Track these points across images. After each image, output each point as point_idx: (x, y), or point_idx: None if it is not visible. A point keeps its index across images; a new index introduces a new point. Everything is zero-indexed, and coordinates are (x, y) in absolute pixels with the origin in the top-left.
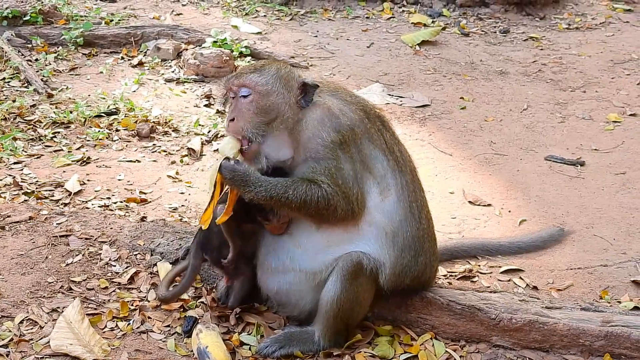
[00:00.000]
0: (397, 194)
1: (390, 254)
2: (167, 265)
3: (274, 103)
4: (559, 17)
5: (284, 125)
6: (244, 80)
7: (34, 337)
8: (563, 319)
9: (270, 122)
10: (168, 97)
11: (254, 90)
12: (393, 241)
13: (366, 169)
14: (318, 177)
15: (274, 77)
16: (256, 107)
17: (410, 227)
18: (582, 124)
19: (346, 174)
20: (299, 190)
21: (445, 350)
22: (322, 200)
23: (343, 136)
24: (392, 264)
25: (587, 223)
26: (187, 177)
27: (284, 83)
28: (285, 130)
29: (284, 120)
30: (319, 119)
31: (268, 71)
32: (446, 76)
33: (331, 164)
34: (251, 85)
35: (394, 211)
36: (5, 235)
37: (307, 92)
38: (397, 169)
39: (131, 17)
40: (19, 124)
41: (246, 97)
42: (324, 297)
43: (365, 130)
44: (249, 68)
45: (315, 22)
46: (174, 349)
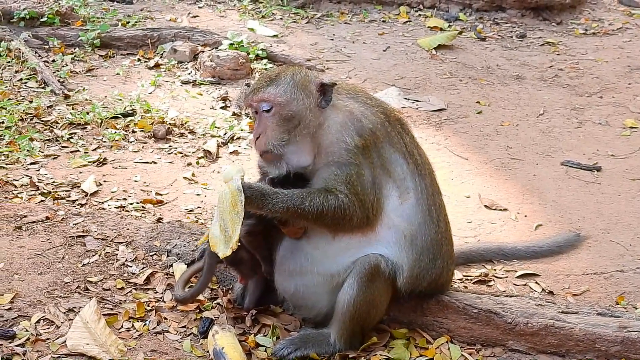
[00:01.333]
0: (416, 197)
1: (409, 257)
2: (182, 266)
3: (296, 110)
4: (576, 23)
5: (306, 130)
6: (262, 95)
7: (50, 337)
8: (579, 324)
9: (293, 129)
10: (184, 99)
11: (274, 103)
12: (412, 244)
13: (386, 172)
14: (337, 186)
15: (291, 85)
16: (279, 118)
17: (428, 231)
18: (599, 129)
19: (365, 181)
20: (316, 201)
21: (461, 354)
22: (338, 211)
23: (365, 140)
24: (410, 267)
25: (603, 228)
26: (203, 179)
27: (302, 88)
28: (308, 135)
29: (307, 125)
30: (342, 122)
31: (284, 80)
32: (462, 80)
33: (352, 170)
34: (270, 98)
35: (413, 214)
36: (22, 235)
37: (325, 92)
38: (417, 172)
39: (148, 19)
40: (35, 125)
41: (268, 111)
42: (340, 299)
43: (386, 133)
44: (264, 80)
45: (332, 25)
46: (189, 350)
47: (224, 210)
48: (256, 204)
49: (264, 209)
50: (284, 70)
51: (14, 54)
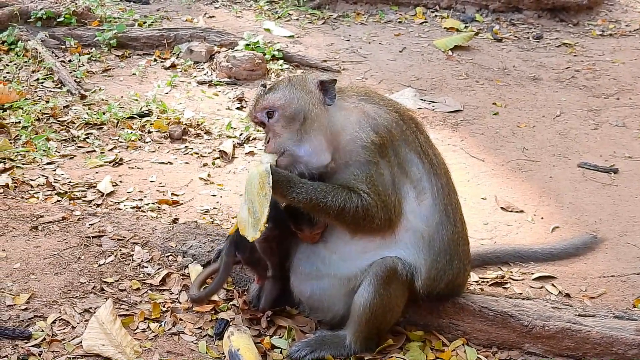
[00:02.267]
0: (432, 197)
1: (427, 258)
2: (198, 268)
3: (298, 107)
4: (593, 24)
5: (316, 125)
6: (263, 104)
7: (66, 337)
8: (596, 327)
9: (301, 126)
10: (200, 100)
11: (274, 107)
12: (429, 245)
13: (403, 172)
14: (359, 186)
15: (288, 87)
16: (284, 120)
17: (446, 231)
18: (616, 131)
19: (386, 181)
20: (338, 197)
21: (477, 356)
22: (360, 210)
23: (381, 138)
24: (427, 269)
25: (620, 231)
26: (219, 180)
27: (300, 88)
28: (321, 134)
29: (314, 120)
30: (356, 120)
31: (282, 85)
32: (479, 81)
33: (372, 169)
34: (270, 104)
35: (430, 215)
36: (38, 235)
37: (327, 89)
38: (433, 172)
39: (164, 20)
40: (52, 125)
41: (272, 116)
42: (356, 302)
43: (401, 132)
44: (263, 92)
45: (348, 26)
46: (205, 351)
47: (252, 193)
48: (281, 189)
49: (287, 197)
50: (283, 78)
51: (30, 53)
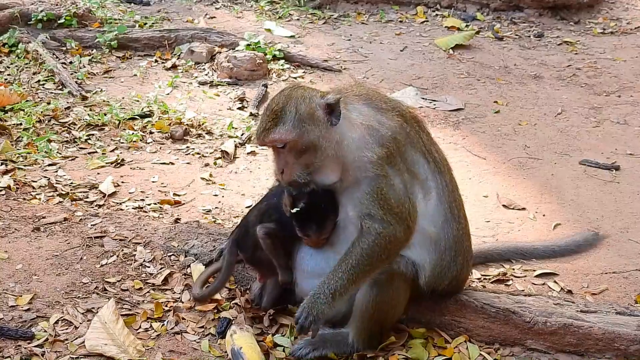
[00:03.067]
0: (437, 195)
1: (432, 257)
2: (200, 267)
3: (310, 141)
4: (594, 22)
5: (326, 153)
6: (273, 137)
7: (68, 337)
8: (598, 323)
9: (313, 157)
10: (201, 100)
11: (285, 141)
12: (435, 244)
13: (412, 175)
14: (372, 211)
15: (297, 119)
16: (295, 152)
17: (450, 228)
18: (617, 128)
19: (397, 190)
20: (354, 257)
21: (479, 353)
22: (381, 243)
23: (388, 149)
24: (432, 267)
25: (622, 227)
26: (221, 180)
27: (309, 119)
28: (331, 157)
29: (325, 149)
30: (359, 137)
31: (289, 115)
32: (480, 80)
33: (382, 183)
34: (281, 138)
35: (436, 214)
36: (40, 236)
37: (333, 110)
38: (437, 170)
39: (165, 20)
40: (53, 126)
41: (283, 147)
42: (359, 300)
43: (406, 135)
44: (270, 119)
45: (349, 25)
46: (207, 350)
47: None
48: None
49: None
50: (287, 101)
51: (31, 55)
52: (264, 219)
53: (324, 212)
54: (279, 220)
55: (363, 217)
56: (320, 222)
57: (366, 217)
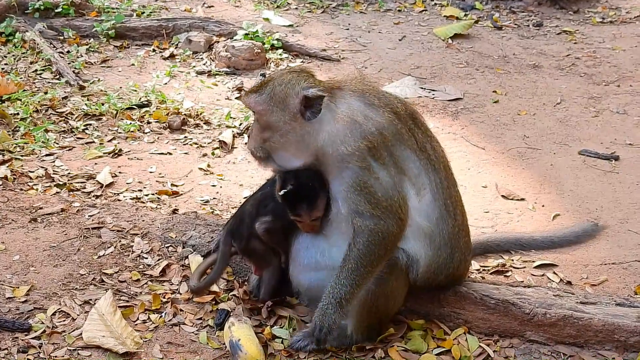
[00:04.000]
0: (432, 192)
1: (427, 252)
2: (198, 258)
3: (270, 122)
4: (593, 11)
5: (284, 140)
6: (246, 100)
7: (66, 329)
8: (598, 315)
9: (270, 138)
10: (199, 90)
11: (254, 110)
12: (430, 240)
13: (400, 171)
14: (360, 207)
15: (269, 96)
16: (259, 125)
17: (446, 225)
18: (616, 118)
19: (384, 183)
20: (353, 260)
21: (478, 344)
22: (374, 241)
23: (369, 142)
24: (427, 263)
25: (621, 218)
26: (219, 170)
27: (279, 101)
28: (291, 146)
29: (283, 135)
30: (338, 131)
31: (266, 90)
32: (479, 69)
33: (364, 176)
34: (251, 106)
35: (431, 210)
36: (37, 227)
37: (311, 105)
38: (430, 167)
39: (162, 9)
40: (50, 116)
41: (254, 114)
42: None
43: (395, 131)
44: (255, 86)
45: (347, 14)
46: (206, 342)
47: None
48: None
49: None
50: (274, 78)
51: (28, 45)
52: (259, 208)
53: (313, 191)
54: (274, 209)
55: (353, 215)
56: (311, 200)
57: (356, 215)
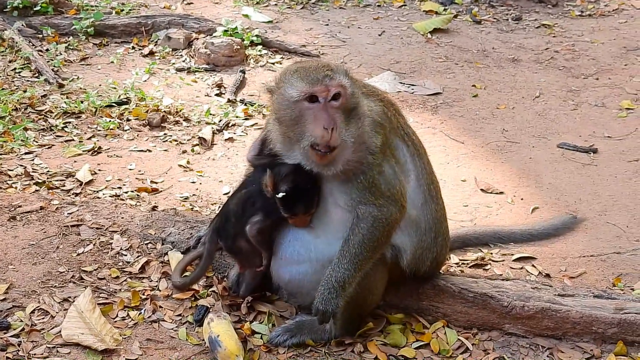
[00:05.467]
0: (417, 178)
1: (413, 239)
2: (178, 255)
3: (356, 101)
4: (572, 4)
5: (361, 124)
6: (338, 80)
7: (45, 327)
8: (576, 307)
9: (355, 122)
10: (179, 87)
11: (345, 87)
12: (417, 226)
13: (395, 160)
14: (364, 198)
15: (347, 76)
16: (343, 109)
17: (430, 210)
18: (595, 111)
19: (387, 175)
20: (356, 245)
21: (457, 338)
22: (379, 225)
23: (382, 136)
24: (413, 249)
25: (600, 210)
26: (198, 167)
27: (352, 80)
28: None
29: (363, 119)
30: (371, 121)
31: (339, 69)
32: (458, 64)
33: (374, 172)
34: (341, 83)
35: (415, 196)
36: (16, 225)
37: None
38: (416, 154)
39: (142, 7)
40: (29, 114)
41: (336, 100)
42: None
43: (389, 121)
44: (324, 68)
45: (327, 10)
46: (185, 338)
47: None
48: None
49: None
50: (324, 61)
51: (7, 43)
52: (246, 207)
53: (311, 190)
54: (264, 207)
55: (356, 204)
56: (308, 200)
57: (360, 204)
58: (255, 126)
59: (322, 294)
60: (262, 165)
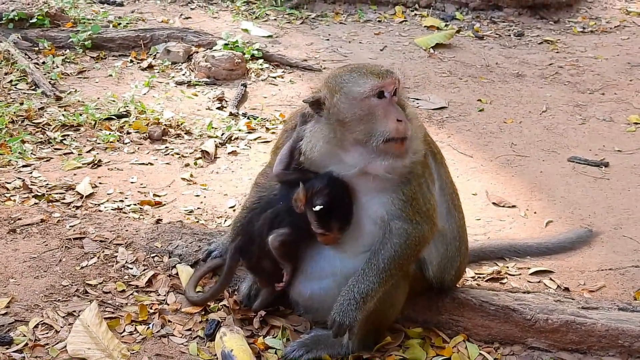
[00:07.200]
0: (440, 188)
1: (439, 250)
2: (188, 268)
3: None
4: (573, 21)
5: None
6: (397, 75)
7: (49, 342)
8: (601, 320)
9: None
10: (179, 100)
11: (401, 82)
12: (442, 237)
13: (429, 172)
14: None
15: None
16: (395, 107)
17: (454, 219)
18: (603, 125)
19: (423, 188)
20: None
21: (479, 352)
22: (411, 242)
23: (425, 144)
24: (439, 260)
25: (615, 224)
26: (202, 180)
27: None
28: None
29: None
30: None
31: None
32: (462, 78)
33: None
34: (400, 80)
35: (440, 206)
36: (16, 238)
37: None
38: (440, 162)
39: (139, 21)
40: (27, 127)
41: (394, 95)
42: None
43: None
44: (377, 66)
45: (327, 25)
46: (196, 353)
47: None
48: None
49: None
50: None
51: (3, 55)
52: (273, 227)
53: (348, 206)
54: (292, 223)
55: (392, 218)
56: (344, 216)
57: (395, 218)
58: (259, 139)
59: (342, 304)
60: (290, 181)
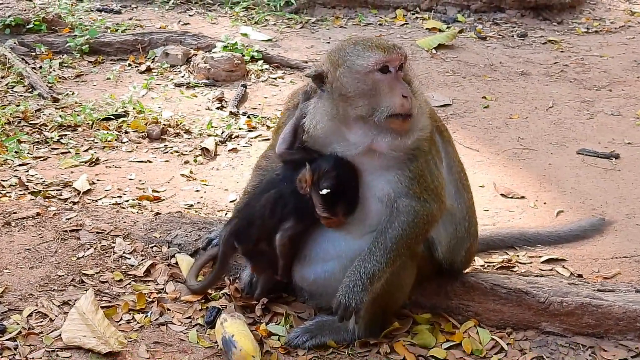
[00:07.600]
0: (447, 166)
1: (448, 230)
2: (187, 258)
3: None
4: (577, 22)
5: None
6: (404, 50)
7: (44, 330)
8: (618, 302)
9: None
10: (179, 100)
11: (406, 60)
12: (451, 216)
13: (435, 149)
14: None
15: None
16: (400, 82)
17: (463, 198)
18: (612, 119)
19: (431, 165)
20: (393, 239)
21: (491, 337)
22: (419, 221)
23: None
24: (448, 240)
25: (627, 213)
26: (202, 176)
27: None
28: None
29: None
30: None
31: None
32: (466, 77)
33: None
34: (407, 55)
35: (449, 185)
36: (11, 231)
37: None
38: (446, 141)
39: (137, 27)
40: (23, 128)
41: (401, 69)
42: None
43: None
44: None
45: (327, 29)
46: (196, 341)
47: None
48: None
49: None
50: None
51: None
52: (276, 209)
53: (355, 189)
54: (296, 209)
55: (399, 196)
56: (351, 199)
57: (403, 196)
58: (260, 137)
59: (347, 285)
60: (294, 161)
